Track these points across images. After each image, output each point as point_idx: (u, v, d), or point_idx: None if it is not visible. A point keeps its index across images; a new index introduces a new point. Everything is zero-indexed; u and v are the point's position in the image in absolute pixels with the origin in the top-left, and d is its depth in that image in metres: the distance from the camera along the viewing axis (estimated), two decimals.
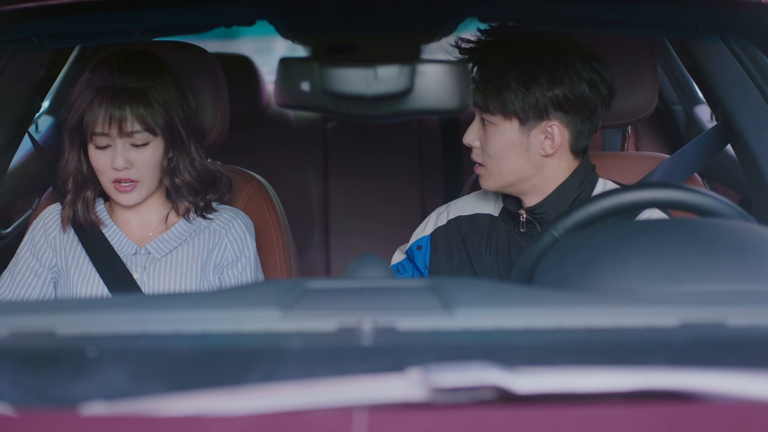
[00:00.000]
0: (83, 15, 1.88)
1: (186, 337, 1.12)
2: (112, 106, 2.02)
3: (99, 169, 2.09)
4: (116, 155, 2.05)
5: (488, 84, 1.96)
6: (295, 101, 1.47)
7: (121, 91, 2.04)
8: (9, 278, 2.18)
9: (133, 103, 2.04)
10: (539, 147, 1.97)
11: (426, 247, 2.18)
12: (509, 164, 1.99)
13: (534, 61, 1.95)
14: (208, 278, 2.16)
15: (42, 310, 1.31)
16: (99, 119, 2.03)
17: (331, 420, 0.93)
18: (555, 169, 2.00)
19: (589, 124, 2.00)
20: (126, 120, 2.03)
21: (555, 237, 1.66)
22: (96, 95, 2.03)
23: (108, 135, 2.04)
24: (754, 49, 2.12)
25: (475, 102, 2.00)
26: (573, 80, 1.94)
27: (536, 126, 1.96)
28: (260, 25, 1.80)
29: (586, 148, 2.05)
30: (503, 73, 1.95)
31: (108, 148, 2.06)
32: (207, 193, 2.18)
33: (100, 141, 2.05)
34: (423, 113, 1.48)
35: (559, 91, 1.94)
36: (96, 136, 2.04)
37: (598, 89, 1.97)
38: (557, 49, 1.97)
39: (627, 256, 1.42)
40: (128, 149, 2.06)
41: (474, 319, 1.14)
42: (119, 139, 2.04)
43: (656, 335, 1.12)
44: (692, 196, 1.63)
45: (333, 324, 1.13)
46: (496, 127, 1.98)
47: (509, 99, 1.94)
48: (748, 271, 1.35)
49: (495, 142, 1.99)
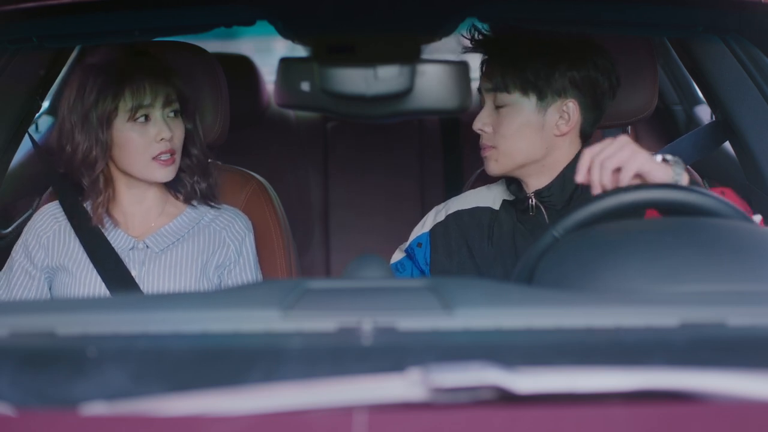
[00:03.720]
0: (83, 15, 1.88)
1: (186, 337, 1.12)
2: (153, 77, 2.07)
3: (140, 146, 2.08)
4: (161, 126, 2.08)
5: (508, 62, 2.01)
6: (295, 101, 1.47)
7: (152, 63, 2.10)
8: (5, 280, 2.18)
9: (168, 74, 2.10)
10: (554, 126, 2.02)
11: (426, 244, 2.19)
12: (522, 143, 2.02)
13: (554, 43, 2.01)
14: (207, 278, 2.16)
15: (42, 310, 1.31)
16: (145, 90, 2.06)
17: (331, 420, 0.93)
18: (565, 150, 2.04)
19: (599, 111, 2.06)
20: (169, 90, 2.09)
21: (555, 237, 1.66)
22: (135, 68, 2.07)
23: (152, 107, 2.07)
24: (754, 49, 2.12)
25: (489, 87, 2.04)
26: (589, 64, 2.02)
27: (553, 104, 2.01)
28: (260, 25, 1.81)
29: (590, 137, 2.09)
30: (525, 52, 2.01)
31: (149, 123, 2.08)
32: (203, 179, 2.19)
33: (143, 113, 2.07)
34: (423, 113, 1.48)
35: (577, 72, 2.01)
36: (141, 109, 2.06)
37: (609, 77, 2.04)
38: (572, 37, 2.05)
39: (627, 256, 1.42)
40: (168, 120, 2.10)
41: (474, 319, 1.14)
42: (160, 110, 2.08)
43: (656, 335, 1.12)
44: (692, 196, 1.62)
45: (333, 324, 1.13)
46: (512, 107, 2.02)
47: (530, 74, 2.00)
48: (748, 271, 1.35)
49: (510, 122, 2.02)
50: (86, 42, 2.66)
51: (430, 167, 3.76)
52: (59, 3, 1.77)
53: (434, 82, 1.41)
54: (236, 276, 2.19)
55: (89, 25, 1.94)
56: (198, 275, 2.15)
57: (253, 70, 3.69)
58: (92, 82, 2.07)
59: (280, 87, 1.46)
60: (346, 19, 1.62)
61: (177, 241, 2.16)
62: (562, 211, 2.01)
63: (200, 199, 2.20)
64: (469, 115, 1.97)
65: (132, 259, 2.14)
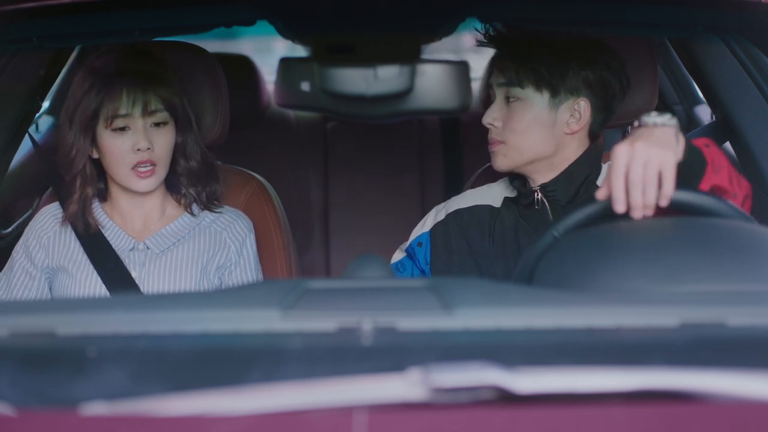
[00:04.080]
0: (83, 15, 1.88)
1: (186, 337, 1.12)
2: (134, 86, 2.04)
3: (118, 155, 2.07)
4: (139, 136, 2.05)
5: (522, 58, 2.01)
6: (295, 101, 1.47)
7: (140, 72, 2.07)
8: (5, 280, 2.18)
9: (154, 83, 2.07)
10: (564, 124, 2.02)
11: (426, 244, 2.18)
12: (532, 139, 2.02)
13: (568, 42, 2.02)
14: (208, 279, 2.16)
15: (42, 310, 1.31)
16: (122, 100, 2.04)
17: (331, 420, 0.93)
18: (573, 148, 2.05)
19: (608, 112, 2.06)
20: (149, 99, 2.05)
21: (555, 237, 1.66)
22: (116, 78, 2.05)
23: (130, 116, 2.04)
24: (754, 49, 2.12)
25: (502, 81, 2.04)
26: (602, 65, 2.02)
27: (566, 101, 2.01)
28: (260, 25, 1.81)
29: (598, 137, 2.10)
30: (541, 49, 2.01)
31: (128, 132, 2.06)
32: (207, 184, 2.18)
33: (120, 123, 2.05)
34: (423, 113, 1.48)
35: (590, 72, 2.01)
36: (117, 118, 2.04)
37: (620, 79, 2.05)
38: (587, 37, 2.06)
39: (627, 256, 1.42)
40: (149, 130, 2.07)
41: (474, 319, 1.14)
42: (141, 119, 2.05)
43: (656, 335, 1.12)
44: (692, 196, 1.63)
45: (333, 324, 1.13)
46: (524, 102, 2.02)
47: (545, 70, 2.00)
48: (748, 271, 1.35)
49: (521, 117, 2.02)
50: (86, 42, 2.66)
51: (430, 167, 3.76)
52: (59, 3, 1.77)
53: (434, 82, 1.41)
54: (237, 277, 2.19)
55: (89, 25, 1.94)
56: (198, 277, 2.14)
57: (253, 70, 3.69)
58: (83, 83, 2.08)
59: (280, 87, 1.46)
60: (346, 19, 1.62)
61: (177, 242, 2.16)
62: (566, 207, 2.01)
63: (201, 205, 2.18)
64: (470, 114, 1.98)
65: (132, 260, 2.14)
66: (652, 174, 1.57)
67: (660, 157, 1.57)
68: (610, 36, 2.11)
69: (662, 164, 1.57)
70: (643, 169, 1.57)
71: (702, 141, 1.70)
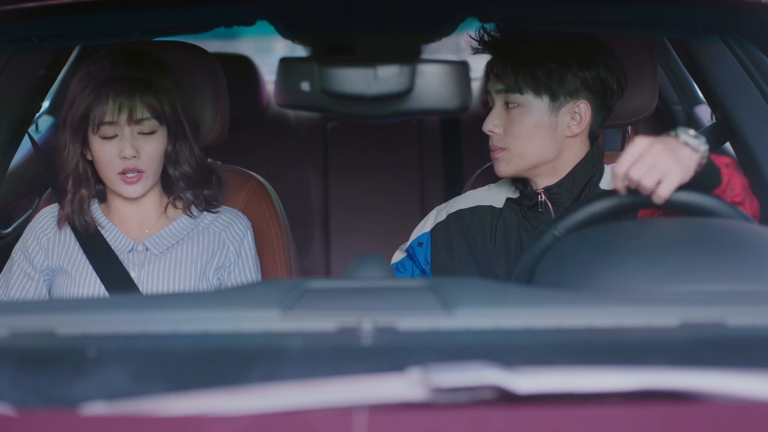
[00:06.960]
0: (83, 15, 1.88)
1: (186, 337, 1.12)
2: (121, 94, 2.04)
3: (105, 161, 2.07)
4: (124, 144, 2.05)
5: (520, 63, 2.00)
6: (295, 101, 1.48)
7: (128, 79, 2.05)
8: (3, 281, 2.18)
9: (142, 91, 2.05)
10: (565, 127, 2.02)
11: (427, 244, 2.18)
12: (534, 145, 2.02)
13: (564, 43, 2.01)
14: (207, 280, 2.16)
15: (42, 310, 1.31)
16: (108, 108, 2.03)
17: (331, 420, 0.93)
18: (575, 151, 2.04)
19: (607, 112, 2.06)
20: (135, 107, 2.04)
21: (555, 237, 1.66)
22: (103, 84, 2.04)
23: (116, 123, 2.04)
24: (754, 49, 2.12)
25: (501, 88, 2.03)
26: (600, 65, 2.01)
27: (565, 105, 2.01)
28: (260, 25, 1.81)
29: (598, 137, 2.10)
30: (538, 52, 2.00)
31: (115, 139, 2.05)
32: (204, 187, 2.18)
33: (107, 131, 2.05)
34: (423, 113, 1.48)
35: (588, 72, 2.00)
36: (103, 125, 2.04)
37: (618, 77, 2.04)
38: (583, 37, 2.05)
39: (627, 256, 1.42)
40: (136, 138, 2.06)
41: (474, 319, 1.14)
42: (127, 127, 2.05)
43: (656, 335, 1.12)
44: (692, 196, 1.63)
45: (333, 324, 1.13)
46: (524, 108, 2.01)
47: (543, 75, 1.99)
48: (748, 271, 1.35)
49: (522, 123, 2.01)
50: (86, 42, 2.67)
51: (431, 167, 3.76)
52: (59, 3, 1.77)
53: (434, 82, 1.41)
54: (236, 276, 2.19)
55: (89, 25, 1.94)
56: (198, 277, 2.14)
57: (253, 70, 3.69)
58: (77, 86, 2.08)
59: (280, 87, 1.46)
60: (346, 19, 1.62)
61: (176, 243, 2.16)
62: (569, 209, 2.01)
63: (200, 207, 2.18)
64: (469, 115, 1.97)
65: (131, 261, 2.14)
66: (652, 177, 1.63)
67: (668, 168, 1.62)
68: (610, 36, 2.11)
69: (666, 175, 1.62)
70: (647, 169, 1.63)
71: (723, 160, 1.76)
